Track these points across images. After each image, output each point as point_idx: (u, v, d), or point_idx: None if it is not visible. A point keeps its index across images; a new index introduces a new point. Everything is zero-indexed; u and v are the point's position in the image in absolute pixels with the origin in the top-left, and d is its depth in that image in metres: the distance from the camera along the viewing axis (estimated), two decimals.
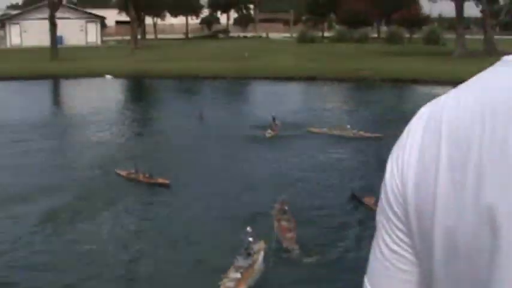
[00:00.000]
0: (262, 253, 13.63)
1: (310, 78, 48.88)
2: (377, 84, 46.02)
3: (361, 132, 27.52)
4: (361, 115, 33.55)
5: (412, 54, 61.05)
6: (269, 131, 27.95)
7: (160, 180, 19.80)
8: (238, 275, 12.53)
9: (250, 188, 19.51)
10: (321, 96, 42.20)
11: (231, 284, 12.23)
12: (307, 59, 58.51)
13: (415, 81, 45.79)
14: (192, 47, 76.39)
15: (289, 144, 26.20)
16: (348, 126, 27.95)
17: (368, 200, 17.96)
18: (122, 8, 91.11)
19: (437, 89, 43.17)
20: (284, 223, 15.46)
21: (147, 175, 20.20)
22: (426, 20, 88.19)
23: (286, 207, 16.06)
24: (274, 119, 28.58)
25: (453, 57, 56.13)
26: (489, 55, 56.80)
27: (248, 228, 13.48)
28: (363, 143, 26.44)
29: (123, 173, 21.00)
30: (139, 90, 48.98)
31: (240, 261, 12.92)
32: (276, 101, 39.32)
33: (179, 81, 49.70)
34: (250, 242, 13.33)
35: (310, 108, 35.79)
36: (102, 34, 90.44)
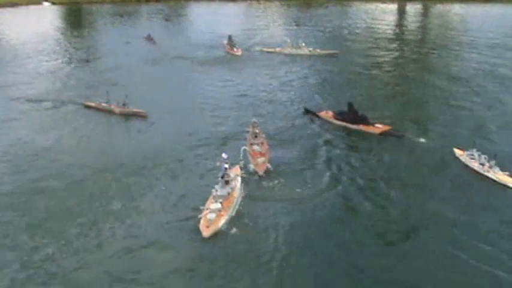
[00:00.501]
0: (239, 179, 13.30)
1: None
2: (322, 2, 45.41)
3: (318, 50, 27.11)
4: (312, 33, 33.03)
5: None
6: (235, 49, 27.39)
7: (136, 110, 18.58)
8: (219, 205, 12.11)
9: (219, 110, 18.93)
10: (267, 16, 41.35)
11: (212, 215, 11.79)
12: None
13: None
14: None
15: (246, 64, 25.60)
16: (303, 44, 27.50)
17: (324, 114, 18.15)
18: None
19: (382, 5, 43.06)
20: (256, 147, 15.10)
21: (121, 105, 18.89)
22: None
23: (257, 131, 15.72)
24: (230, 37, 27.92)
25: None
26: None
27: (223, 155, 12.97)
28: (319, 60, 26.06)
29: (92, 104, 19.59)
30: (81, 16, 47.02)
31: (219, 191, 12.50)
32: (222, 21, 38.43)
33: (120, 5, 48.00)
34: (226, 168, 12.92)
35: (258, 28, 35.04)
36: None
